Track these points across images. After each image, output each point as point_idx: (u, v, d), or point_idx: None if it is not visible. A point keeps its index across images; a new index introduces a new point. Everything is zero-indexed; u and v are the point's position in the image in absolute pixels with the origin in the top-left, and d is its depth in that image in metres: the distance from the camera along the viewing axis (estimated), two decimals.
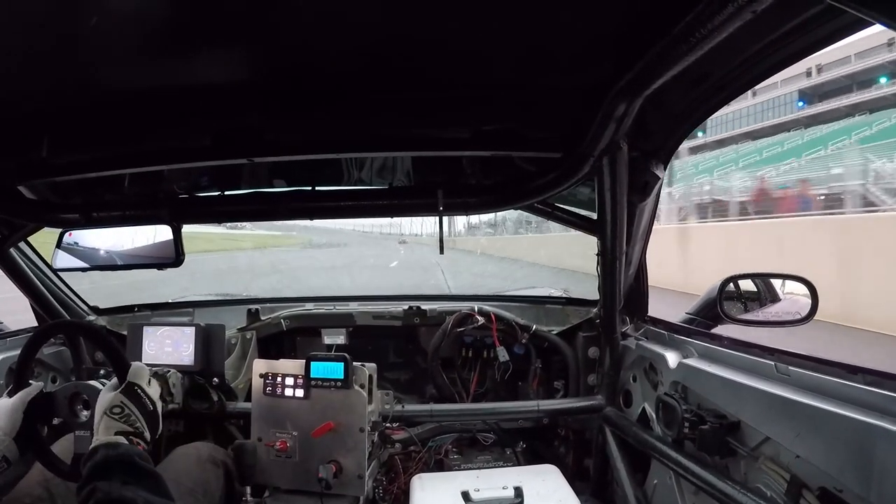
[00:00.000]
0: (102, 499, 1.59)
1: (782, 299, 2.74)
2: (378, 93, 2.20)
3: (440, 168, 3.00)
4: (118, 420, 1.86)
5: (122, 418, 1.87)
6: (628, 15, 1.64)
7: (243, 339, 3.63)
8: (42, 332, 2.23)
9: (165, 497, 1.72)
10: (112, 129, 2.38)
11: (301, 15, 1.60)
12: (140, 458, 1.76)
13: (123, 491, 1.62)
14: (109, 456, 1.72)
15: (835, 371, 1.68)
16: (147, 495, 1.64)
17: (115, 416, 1.86)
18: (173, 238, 2.71)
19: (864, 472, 1.45)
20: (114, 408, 1.88)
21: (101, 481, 1.64)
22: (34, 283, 3.25)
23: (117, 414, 1.87)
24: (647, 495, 2.73)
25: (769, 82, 48.12)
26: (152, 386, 2.07)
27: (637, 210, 2.59)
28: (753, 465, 1.98)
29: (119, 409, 1.88)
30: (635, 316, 3.04)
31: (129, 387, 1.97)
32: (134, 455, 1.75)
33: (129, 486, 1.64)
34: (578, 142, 2.32)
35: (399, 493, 3.22)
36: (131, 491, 1.62)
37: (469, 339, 3.66)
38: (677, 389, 2.42)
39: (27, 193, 2.77)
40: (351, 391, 2.59)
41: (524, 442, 3.58)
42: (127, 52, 1.79)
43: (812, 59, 47.29)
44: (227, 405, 3.03)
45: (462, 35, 1.78)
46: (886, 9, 1.00)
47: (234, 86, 2.08)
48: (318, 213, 2.83)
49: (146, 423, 1.93)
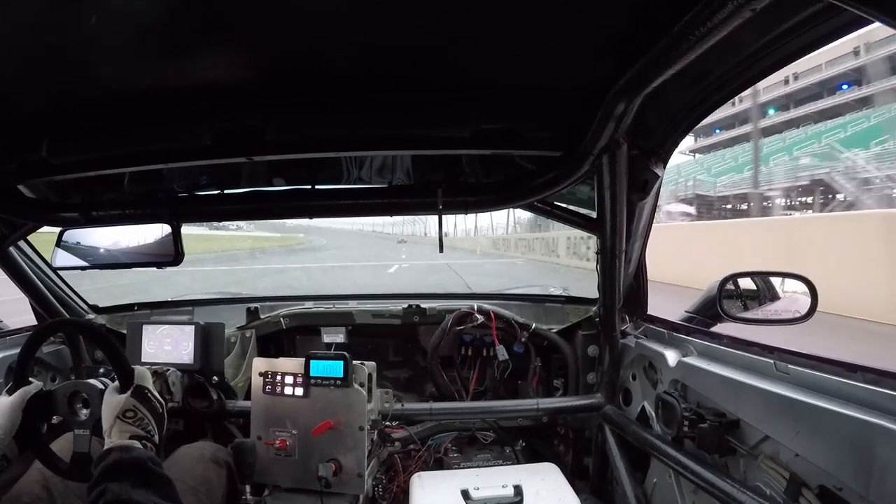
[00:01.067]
0: (112, 500, 1.61)
1: (782, 297, 2.74)
2: (378, 92, 2.20)
3: (440, 167, 3.00)
4: (132, 424, 1.88)
5: (135, 422, 1.88)
6: (628, 14, 1.65)
7: (243, 337, 3.63)
8: (42, 331, 2.23)
9: (174, 502, 1.74)
10: (112, 128, 2.38)
11: (301, 14, 1.61)
12: (152, 462, 1.77)
13: (134, 494, 1.63)
14: (122, 459, 1.73)
15: (834, 369, 1.68)
16: (157, 499, 1.65)
17: (129, 420, 1.88)
18: (173, 237, 2.71)
19: (863, 470, 1.45)
20: (127, 412, 1.89)
21: (112, 483, 1.65)
22: (34, 282, 3.24)
23: (130, 418, 1.89)
24: (647, 494, 2.74)
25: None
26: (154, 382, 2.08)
27: (637, 208, 2.59)
28: (753, 464, 1.98)
29: (132, 413, 1.90)
30: (635, 314, 3.04)
31: (139, 390, 1.98)
32: (147, 459, 1.76)
33: (140, 490, 1.65)
34: (578, 140, 2.32)
35: (399, 491, 3.23)
36: (141, 494, 1.64)
37: (468, 338, 3.67)
38: (677, 388, 2.42)
39: (27, 192, 2.77)
40: (350, 390, 2.59)
41: (524, 440, 3.58)
42: (127, 51, 1.79)
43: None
44: (226, 404, 3.03)
45: (462, 34, 1.78)
46: (886, 6, 1.00)
47: (235, 84, 2.09)
48: (317, 211, 2.84)
49: (157, 427, 1.95)
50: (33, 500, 2.12)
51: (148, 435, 1.89)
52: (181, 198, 2.97)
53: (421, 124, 2.44)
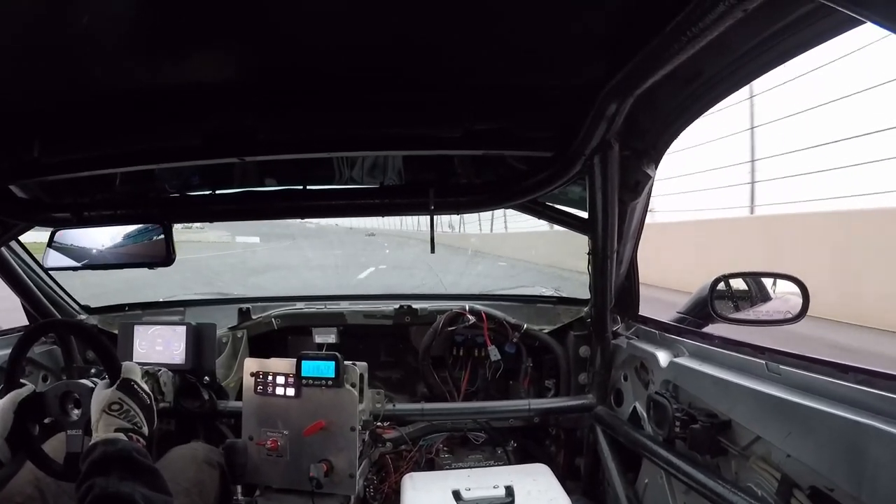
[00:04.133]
0: (100, 494, 1.61)
1: (773, 298, 2.74)
2: (370, 92, 2.20)
3: (432, 167, 3.00)
4: (117, 417, 1.87)
5: (121, 415, 1.88)
6: (620, 14, 1.65)
7: (234, 337, 3.63)
8: (33, 331, 2.22)
9: (163, 492, 1.74)
10: (103, 128, 2.38)
11: (293, 14, 1.60)
12: (138, 453, 1.77)
13: (121, 486, 1.63)
14: (108, 452, 1.73)
15: (825, 370, 1.68)
16: (145, 491, 1.65)
17: (115, 413, 1.87)
18: (164, 237, 2.71)
19: (854, 471, 1.45)
20: (112, 405, 1.88)
21: (98, 477, 1.65)
22: (25, 283, 3.23)
23: (116, 411, 1.88)
24: (638, 494, 2.74)
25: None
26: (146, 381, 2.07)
27: (628, 209, 2.60)
28: (744, 465, 1.98)
29: (118, 406, 1.89)
30: (626, 315, 3.04)
31: (126, 383, 1.97)
32: (132, 451, 1.76)
33: (127, 482, 1.65)
34: (570, 141, 2.32)
35: (390, 492, 3.23)
36: (129, 486, 1.64)
37: (460, 338, 3.67)
38: (668, 388, 2.42)
39: (18, 193, 2.76)
40: (342, 390, 2.59)
41: (515, 441, 3.58)
42: (119, 51, 1.79)
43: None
44: (217, 404, 3.03)
45: (454, 35, 1.78)
46: (877, 7, 1.00)
47: (226, 85, 2.08)
48: (309, 212, 2.85)
49: (145, 419, 1.94)
50: (25, 500, 2.11)
51: (135, 427, 1.89)
52: (173, 198, 2.98)
53: (412, 124, 2.44)
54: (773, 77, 11.92)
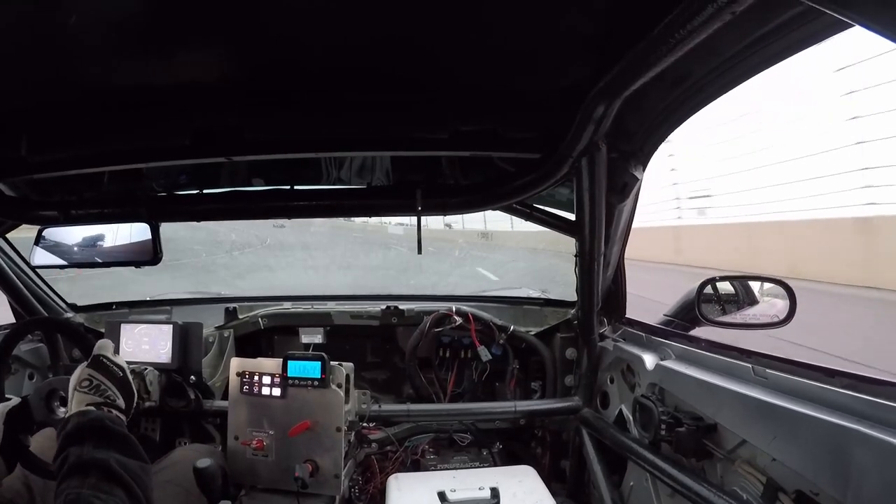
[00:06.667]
0: (75, 462, 1.62)
1: (760, 302, 2.75)
2: (358, 92, 2.20)
3: (419, 168, 3.00)
4: (88, 392, 1.87)
5: (91, 390, 1.87)
6: (607, 16, 1.65)
7: (221, 337, 3.62)
8: (18, 329, 2.22)
9: (137, 458, 1.74)
10: (91, 126, 2.38)
11: (282, 14, 1.61)
12: (111, 422, 1.78)
13: (95, 453, 1.65)
14: (81, 423, 1.74)
15: (812, 374, 1.69)
16: (118, 456, 1.67)
17: (85, 390, 1.87)
18: (151, 236, 2.70)
19: (840, 475, 1.45)
20: (82, 381, 1.88)
21: (73, 447, 1.66)
22: (12, 280, 3.22)
23: (86, 387, 1.88)
24: (624, 497, 2.74)
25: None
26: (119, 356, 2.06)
27: (616, 211, 2.60)
28: (730, 468, 1.98)
29: (88, 382, 1.89)
30: (613, 317, 3.05)
31: (96, 359, 1.97)
32: (104, 419, 1.78)
33: (101, 449, 1.67)
34: (557, 143, 2.32)
35: (375, 492, 3.21)
36: (103, 453, 1.65)
37: (447, 340, 3.67)
38: (654, 391, 2.42)
39: (6, 191, 2.75)
40: (328, 390, 2.58)
41: (501, 443, 3.57)
42: (106, 49, 1.79)
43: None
44: (203, 403, 3.03)
45: (441, 36, 1.79)
46: (865, 10, 1.00)
47: (214, 84, 2.09)
48: (296, 212, 2.84)
49: (118, 391, 1.94)
50: (14, 497, 2.13)
51: (107, 400, 1.88)
52: (160, 197, 2.96)
53: (400, 125, 2.44)
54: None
